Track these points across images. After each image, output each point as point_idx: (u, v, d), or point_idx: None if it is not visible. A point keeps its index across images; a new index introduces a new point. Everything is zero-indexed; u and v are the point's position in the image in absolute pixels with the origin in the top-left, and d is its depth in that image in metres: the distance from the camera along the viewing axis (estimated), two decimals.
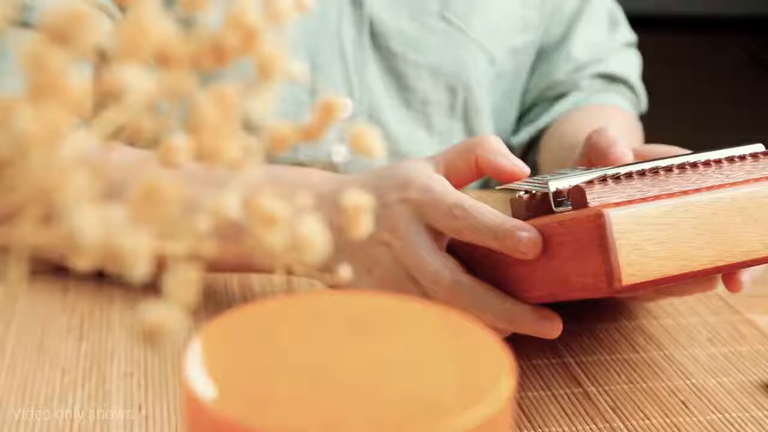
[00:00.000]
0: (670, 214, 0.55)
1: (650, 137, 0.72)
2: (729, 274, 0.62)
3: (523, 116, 1.02)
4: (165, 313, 0.24)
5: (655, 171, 0.56)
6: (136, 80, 0.23)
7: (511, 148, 1.01)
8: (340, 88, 0.89)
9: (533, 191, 0.59)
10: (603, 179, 0.55)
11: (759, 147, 0.61)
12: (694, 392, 0.64)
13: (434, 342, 0.33)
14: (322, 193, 0.66)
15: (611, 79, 1.00)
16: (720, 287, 0.64)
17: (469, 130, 0.95)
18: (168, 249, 0.24)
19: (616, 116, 0.97)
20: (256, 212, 0.27)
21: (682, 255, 0.55)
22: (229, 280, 0.75)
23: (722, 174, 0.58)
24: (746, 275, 0.63)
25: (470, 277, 0.59)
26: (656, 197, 0.55)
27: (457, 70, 0.92)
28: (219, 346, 0.31)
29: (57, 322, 0.69)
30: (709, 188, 0.57)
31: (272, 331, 0.32)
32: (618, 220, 0.53)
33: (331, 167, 0.90)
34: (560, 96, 0.99)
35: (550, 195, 0.57)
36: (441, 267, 0.59)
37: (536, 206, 0.58)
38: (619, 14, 1.05)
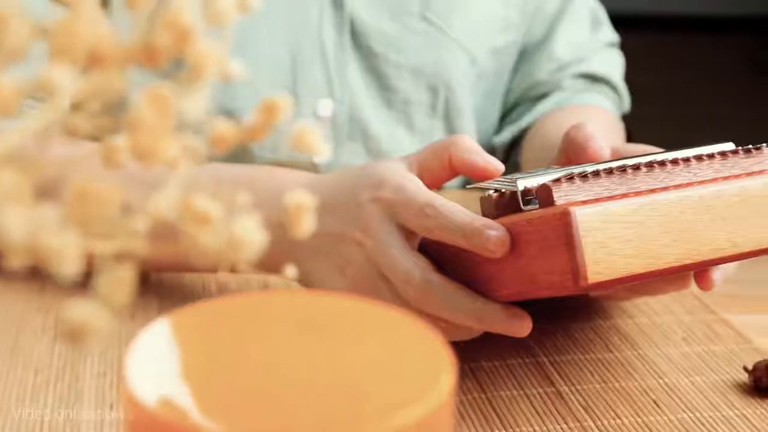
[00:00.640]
0: (636, 212, 0.55)
1: (647, 137, 0.72)
2: (700, 272, 0.63)
3: (505, 116, 1.02)
4: (91, 312, 0.24)
5: (622, 169, 0.56)
6: (64, 79, 0.23)
7: (493, 148, 1.02)
8: (320, 88, 0.89)
9: (503, 190, 0.59)
10: (570, 178, 0.55)
11: (729, 146, 0.61)
12: (666, 391, 0.64)
13: (379, 341, 0.33)
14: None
15: (593, 79, 1.00)
16: (695, 286, 0.64)
17: (451, 130, 0.95)
18: (99, 248, 0.25)
19: (598, 116, 0.97)
20: (190, 212, 0.27)
21: (648, 253, 0.55)
22: (207, 280, 0.75)
23: (690, 172, 0.58)
24: (717, 274, 0.63)
25: (441, 276, 0.59)
26: (623, 195, 0.55)
27: (438, 70, 0.93)
28: (163, 346, 0.31)
29: (32, 322, 0.69)
30: (677, 186, 0.57)
31: (217, 330, 0.32)
32: (584, 218, 0.53)
33: (312, 167, 0.90)
34: (542, 96, 1.00)
35: (519, 193, 0.57)
36: (412, 266, 0.59)
37: (505, 205, 0.58)
38: (602, 14, 1.05)
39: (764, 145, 0.61)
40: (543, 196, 0.55)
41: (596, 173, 0.56)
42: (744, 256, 0.59)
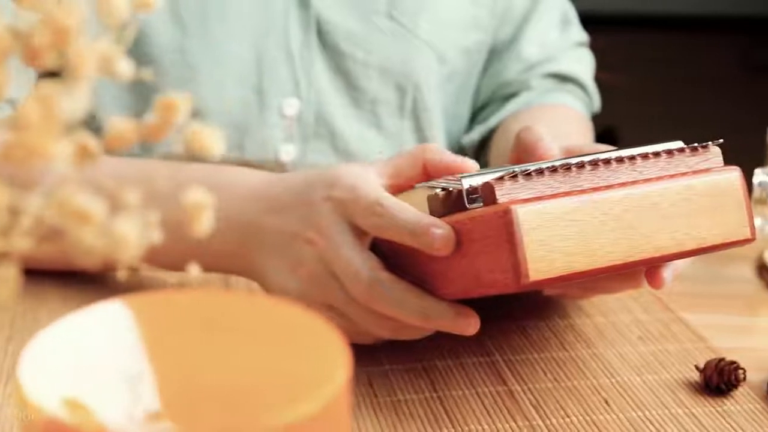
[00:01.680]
0: (578, 210, 0.55)
1: (640, 136, 0.72)
2: (651, 270, 0.63)
3: (475, 116, 1.03)
4: None
5: (567, 168, 0.57)
6: None
7: (462, 148, 1.02)
8: (287, 88, 0.89)
9: (450, 188, 0.59)
10: (514, 176, 0.55)
11: (677, 144, 0.62)
12: (618, 390, 0.65)
13: (279, 338, 0.33)
14: (249, 194, 0.67)
15: (562, 78, 1.01)
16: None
17: (419, 129, 0.95)
18: None
19: (566, 115, 0.97)
20: (70, 210, 0.27)
21: (591, 251, 0.55)
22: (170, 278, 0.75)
23: (636, 171, 0.59)
24: (668, 272, 0.63)
25: (389, 275, 0.60)
26: (566, 194, 0.56)
27: (405, 69, 0.93)
28: (62, 346, 0.31)
29: None
30: (621, 185, 0.57)
31: (118, 330, 0.33)
32: (525, 216, 0.53)
33: (279, 167, 0.90)
34: (511, 96, 1.00)
35: (464, 192, 0.57)
36: (361, 265, 0.60)
37: (452, 203, 0.58)
38: (572, 14, 1.05)
39: (710, 143, 0.61)
40: (486, 194, 0.55)
41: (540, 171, 0.56)
42: (688, 254, 0.59)
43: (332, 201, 0.62)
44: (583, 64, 1.03)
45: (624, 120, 3.04)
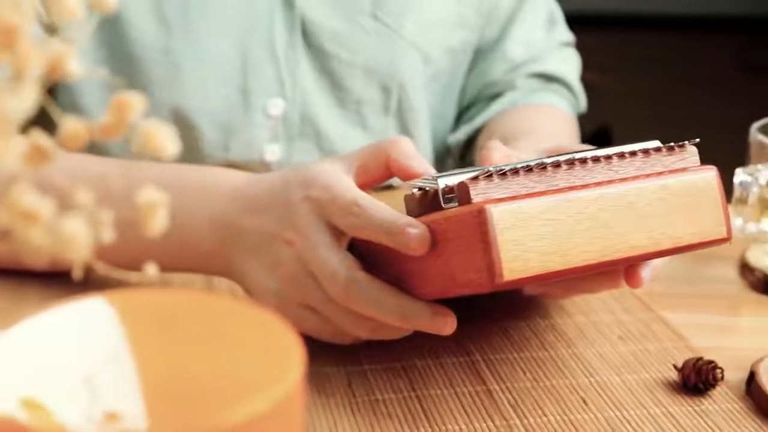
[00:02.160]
0: (554, 210, 0.55)
1: (636, 136, 0.72)
2: (629, 269, 0.63)
3: (461, 115, 1.03)
4: None
5: (542, 167, 0.57)
6: None
7: (448, 147, 1.02)
8: (272, 88, 0.89)
9: (426, 188, 0.59)
10: (489, 175, 0.55)
11: (654, 143, 0.62)
12: (596, 390, 0.65)
13: (235, 337, 0.34)
14: (230, 194, 0.67)
15: (548, 78, 1.01)
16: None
17: (405, 129, 0.96)
18: None
19: (552, 115, 0.97)
20: (17, 209, 0.27)
21: (565, 250, 0.55)
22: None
23: (612, 170, 0.59)
24: (647, 271, 0.63)
25: (366, 275, 0.60)
26: (541, 193, 0.56)
27: (390, 69, 0.93)
28: (21, 348, 0.31)
29: None
30: (597, 184, 0.57)
31: (80, 330, 0.33)
32: (499, 215, 0.54)
33: (264, 167, 0.90)
34: (497, 95, 1.00)
35: (439, 192, 0.57)
36: (338, 264, 0.60)
37: (428, 203, 0.59)
38: (558, 14, 1.05)
39: (687, 142, 0.61)
40: (461, 193, 0.56)
41: (515, 171, 0.56)
42: (664, 253, 0.59)
43: (309, 201, 0.62)
44: (569, 64, 1.04)
45: (620, 120, 3.04)
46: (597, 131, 2.60)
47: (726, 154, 0.84)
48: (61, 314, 0.34)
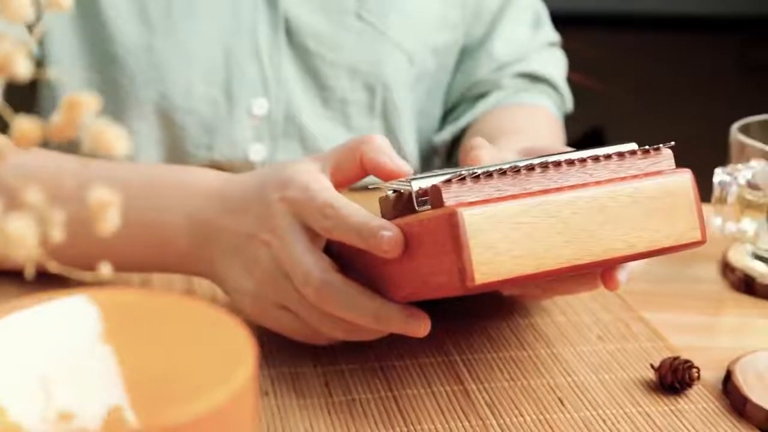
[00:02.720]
0: (526, 213, 0.55)
1: (635, 136, 0.72)
2: (606, 272, 0.63)
3: (447, 115, 1.03)
4: None
5: (516, 170, 0.57)
6: None
7: (434, 147, 1.02)
8: (256, 87, 0.89)
9: (401, 190, 0.59)
10: (462, 178, 0.55)
11: (630, 146, 0.62)
12: (573, 389, 0.65)
13: (188, 336, 0.34)
14: (207, 193, 0.67)
15: (533, 78, 1.01)
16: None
17: (389, 129, 0.96)
18: None
19: (537, 115, 0.98)
20: None
21: (539, 254, 0.55)
22: (130, 278, 0.76)
23: (586, 173, 0.59)
24: (623, 273, 0.63)
25: (341, 277, 0.60)
26: (514, 196, 0.56)
27: (374, 69, 0.93)
28: None
29: None
30: (571, 187, 0.58)
31: (37, 331, 0.33)
32: (471, 219, 0.54)
33: (249, 166, 0.90)
34: (482, 95, 1.00)
35: (413, 194, 0.57)
36: (312, 266, 0.60)
37: (402, 206, 0.59)
38: (544, 14, 1.05)
39: (662, 145, 0.61)
40: (434, 197, 0.56)
41: (489, 174, 0.56)
42: (639, 256, 0.59)
43: (286, 202, 0.62)
44: (555, 64, 1.04)
45: (618, 120, 3.04)
46: (589, 132, 2.60)
47: (725, 154, 0.84)
48: (20, 316, 0.34)
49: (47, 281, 0.74)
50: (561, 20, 1.23)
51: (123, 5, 0.84)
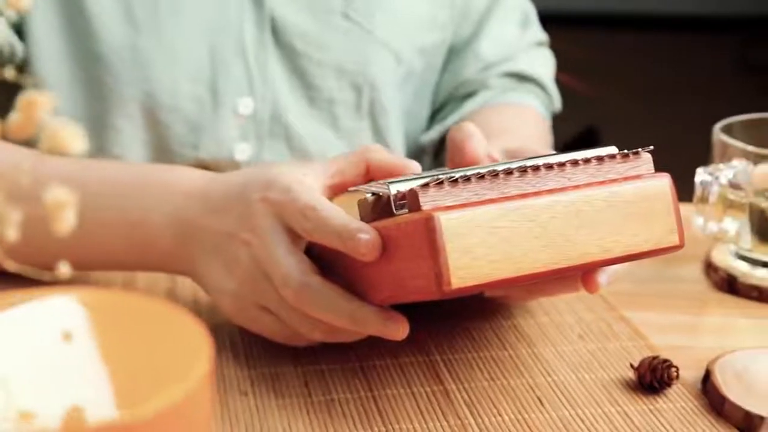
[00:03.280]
0: (504, 217, 0.55)
1: (635, 136, 0.72)
2: (586, 274, 0.63)
3: (435, 115, 1.03)
4: None
5: (494, 174, 0.57)
6: None
7: (422, 147, 1.03)
8: (242, 86, 0.89)
9: (380, 193, 0.60)
10: (439, 182, 0.56)
11: (610, 150, 0.62)
12: (552, 389, 0.65)
13: (146, 333, 0.34)
14: (190, 192, 0.68)
15: (521, 77, 1.01)
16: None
17: (377, 129, 0.96)
18: None
19: (524, 115, 0.98)
20: None
21: (516, 258, 0.55)
22: (113, 277, 0.76)
23: (564, 177, 0.59)
24: (604, 276, 0.64)
25: (320, 279, 0.60)
26: (491, 200, 0.56)
27: (361, 69, 0.93)
28: None
29: None
30: (549, 191, 0.58)
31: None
32: (448, 223, 0.54)
33: (234, 166, 0.91)
34: (470, 95, 1.00)
35: (391, 198, 0.57)
36: (292, 267, 0.60)
37: (381, 209, 0.59)
38: (532, 14, 1.05)
39: (641, 149, 0.62)
40: (411, 201, 0.56)
41: (467, 178, 0.56)
42: (617, 260, 0.59)
43: (268, 202, 0.62)
44: (542, 64, 1.04)
45: (616, 121, 3.04)
46: (584, 132, 2.60)
47: None
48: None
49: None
50: (559, 20, 1.24)
51: (108, 3, 0.84)
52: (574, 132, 2.63)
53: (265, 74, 0.90)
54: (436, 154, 1.02)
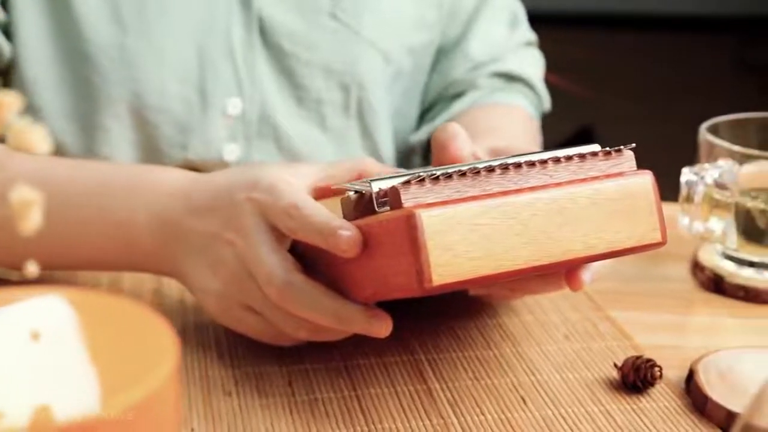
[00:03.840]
0: (485, 215, 0.56)
1: (633, 135, 0.72)
2: (570, 272, 0.63)
3: (424, 115, 1.03)
4: None
5: (475, 171, 0.57)
6: None
7: (411, 147, 1.03)
8: (230, 87, 0.89)
9: (362, 191, 0.60)
10: (421, 180, 0.56)
11: (592, 147, 0.62)
12: (536, 388, 0.65)
13: (115, 331, 0.35)
14: (174, 192, 0.68)
15: (509, 78, 1.01)
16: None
17: (365, 129, 0.96)
18: None
19: (513, 115, 0.98)
20: None
21: (497, 255, 0.56)
22: (99, 277, 0.76)
23: (546, 174, 0.59)
24: (587, 274, 0.64)
25: (303, 278, 0.60)
26: (472, 198, 0.56)
27: (349, 69, 0.93)
28: None
29: None
30: (530, 189, 0.58)
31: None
32: (429, 220, 0.54)
33: (223, 166, 0.91)
34: (459, 95, 1.00)
35: (373, 195, 0.58)
36: (276, 266, 0.60)
37: (364, 207, 0.59)
38: (521, 14, 1.05)
39: (623, 147, 0.62)
40: (392, 198, 0.56)
41: (448, 176, 0.56)
42: (599, 257, 0.60)
43: (252, 202, 0.63)
44: (531, 64, 1.04)
45: (615, 121, 3.04)
46: (579, 132, 2.60)
47: None
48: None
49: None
50: (558, 20, 1.24)
51: (95, 4, 0.84)
52: (570, 132, 2.63)
53: (254, 75, 0.90)
54: (426, 154, 1.02)
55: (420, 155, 1.02)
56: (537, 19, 1.06)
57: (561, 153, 0.60)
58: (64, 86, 0.86)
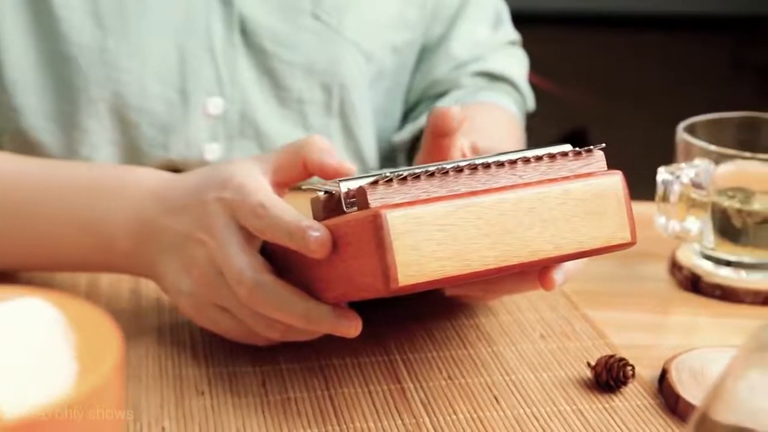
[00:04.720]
0: (452, 215, 0.56)
1: (630, 135, 0.72)
2: (542, 271, 0.63)
3: (408, 114, 1.03)
4: None
5: (444, 172, 0.57)
6: None
7: (394, 146, 1.03)
8: (211, 86, 0.90)
9: (332, 192, 0.60)
10: (388, 180, 0.56)
11: (563, 147, 0.62)
12: (509, 387, 0.66)
13: (63, 330, 0.35)
14: (149, 193, 0.68)
15: (492, 77, 1.01)
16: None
17: (347, 128, 0.96)
18: None
19: (496, 114, 0.98)
20: None
21: (464, 255, 0.56)
22: (77, 278, 0.76)
23: (515, 175, 0.59)
24: (559, 274, 0.64)
25: (273, 278, 0.60)
26: (439, 198, 0.56)
27: (331, 68, 0.93)
28: None
29: None
30: (498, 189, 0.58)
31: None
32: (395, 221, 0.54)
33: (204, 166, 0.91)
34: (442, 94, 1.01)
35: (342, 195, 0.58)
36: (245, 266, 0.61)
37: (333, 207, 0.59)
38: (505, 13, 1.06)
39: (593, 147, 0.62)
40: (359, 198, 0.56)
41: (416, 176, 0.57)
42: (568, 257, 0.60)
43: (222, 202, 0.63)
44: (515, 63, 1.04)
45: (613, 121, 3.04)
46: (571, 133, 2.60)
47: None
48: None
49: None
50: (555, 20, 1.24)
51: (75, 5, 0.84)
52: (563, 134, 2.63)
53: (234, 74, 0.90)
54: (410, 153, 1.02)
55: (404, 154, 1.03)
56: (536, 20, 1.06)
57: (531, 153, 0.60)
58: (44, 87, 0.86)
